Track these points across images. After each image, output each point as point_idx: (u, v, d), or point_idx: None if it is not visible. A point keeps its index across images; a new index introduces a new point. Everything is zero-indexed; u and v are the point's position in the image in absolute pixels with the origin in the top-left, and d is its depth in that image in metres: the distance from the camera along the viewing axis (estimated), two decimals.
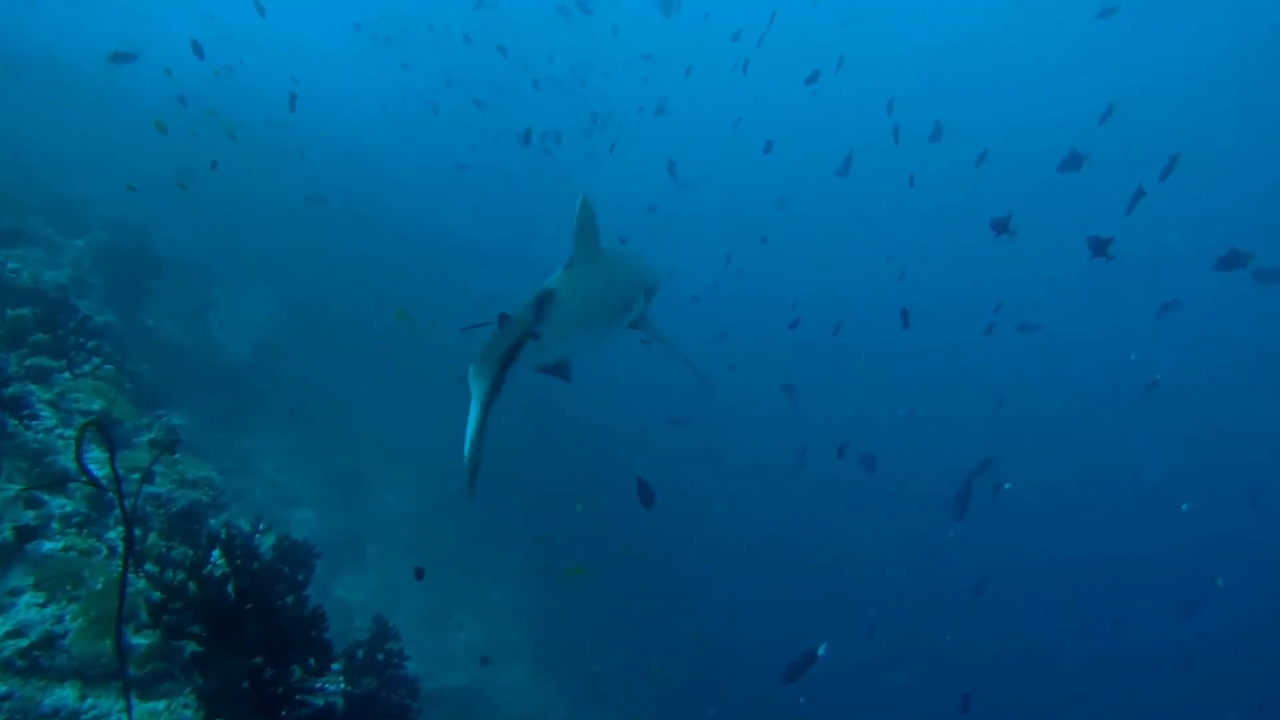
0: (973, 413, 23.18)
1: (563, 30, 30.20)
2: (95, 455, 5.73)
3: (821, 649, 7.91)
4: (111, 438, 3.96)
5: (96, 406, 6.18)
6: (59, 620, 4.22)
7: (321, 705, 4.72)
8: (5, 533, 4.66)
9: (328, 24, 32.42)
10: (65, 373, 6.62)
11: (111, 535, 5.02)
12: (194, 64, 12.51)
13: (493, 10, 29.23)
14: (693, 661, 16.74)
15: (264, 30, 20.25)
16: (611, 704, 15.16)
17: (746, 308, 24.93)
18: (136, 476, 5.07)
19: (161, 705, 4.20)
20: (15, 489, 4.86)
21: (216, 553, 4.61)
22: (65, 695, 3.97)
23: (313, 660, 4.59)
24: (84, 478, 4.55)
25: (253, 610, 4.57)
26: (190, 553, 4.54)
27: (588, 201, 5.15)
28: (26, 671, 4.02)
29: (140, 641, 4.24)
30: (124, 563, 3.43)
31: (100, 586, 4.44)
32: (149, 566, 4.61)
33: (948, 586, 18.59)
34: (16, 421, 5.41)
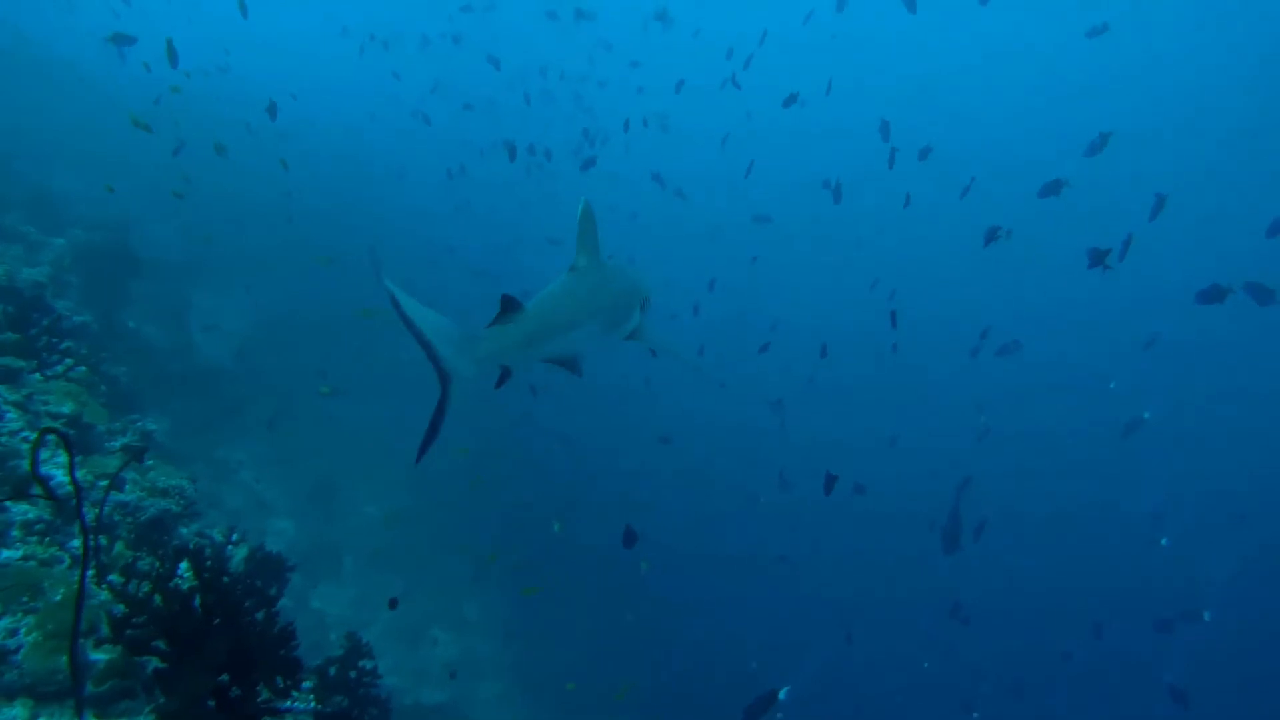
0: (958, 439, 23.17)
1: (552, 36, 30.25)
2: (65, 460, 5.55)
3: (783, 692, 7.82)
4: (71, 444, 3.78)
5: (67, 409, 5.98)
6: (13, 634, 4.03)
7: None
8: None
9: (317, 27, 32.27)
10: (35, 374, 6.41)
11: (75, 544, 4.83)
12: (182, 61, 12.31)
13: (484, 13, 29.16)
14: (670, 678, 16.61)
15: (251, 31, 20.05)
16: None
17: (728, 326, 24.88)
18: (105, 483, 4.88)
19: None
20: None
21: (185, 565, 4.45)
22: (15, 714, 3.78)
23: (281, 679, 4.42)
24: (38, 490, 4.37)
25: (220, 626, 4.40)
26: (157, 564, 4.36)
27: (589, 207, 5.11)
28: None
29: (100, 657, 4.05)
30: (81, 574, 3.26)
31: (59, 598, 4.25)
32: (113, 577, 4.42)
33: (927, 608, 18.53)
34: None
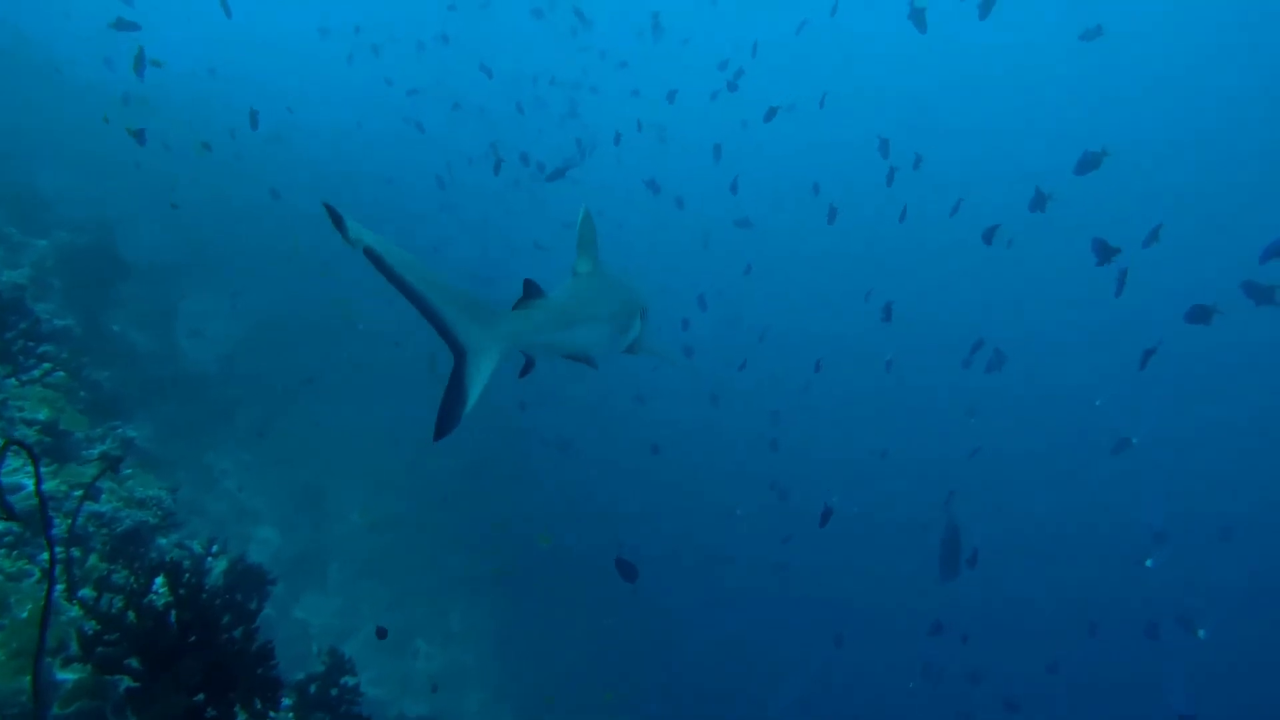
0: (951, 448, 23.14)
1: (541, 37, 30.23)
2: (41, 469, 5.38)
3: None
4: (36, 456, 3.64)
5: (42, 416, 5.82)
6: None
7: None
8: None
9: (309, 27, 32.01)
10: (11, 378, 6.25)
11: (47, 557, 4.67)
12: (172, 63, 12.20)
13: (475, 10, 29.09)
14: (659, 686, 16.50)
15: (241, 32, 19.92)
16: None
17: (718, 337, 24.82)
18: (79, 494, 4.73)
19: None
20: None
21: (160, 580, 4.31)
22: None
23: (259, 700, 4.29)
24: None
25: (196, 643, 4.26)
26: (131, 578, 4.22)
27: (589, 214, 5.05)
28: None
29: (68, 677, 3.89)
30: (48, 589, 3.12)
31: (26, 615, 4.10)
32: (85, 592, 4.28)
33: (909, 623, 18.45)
34: None
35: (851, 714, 18.27)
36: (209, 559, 6.12)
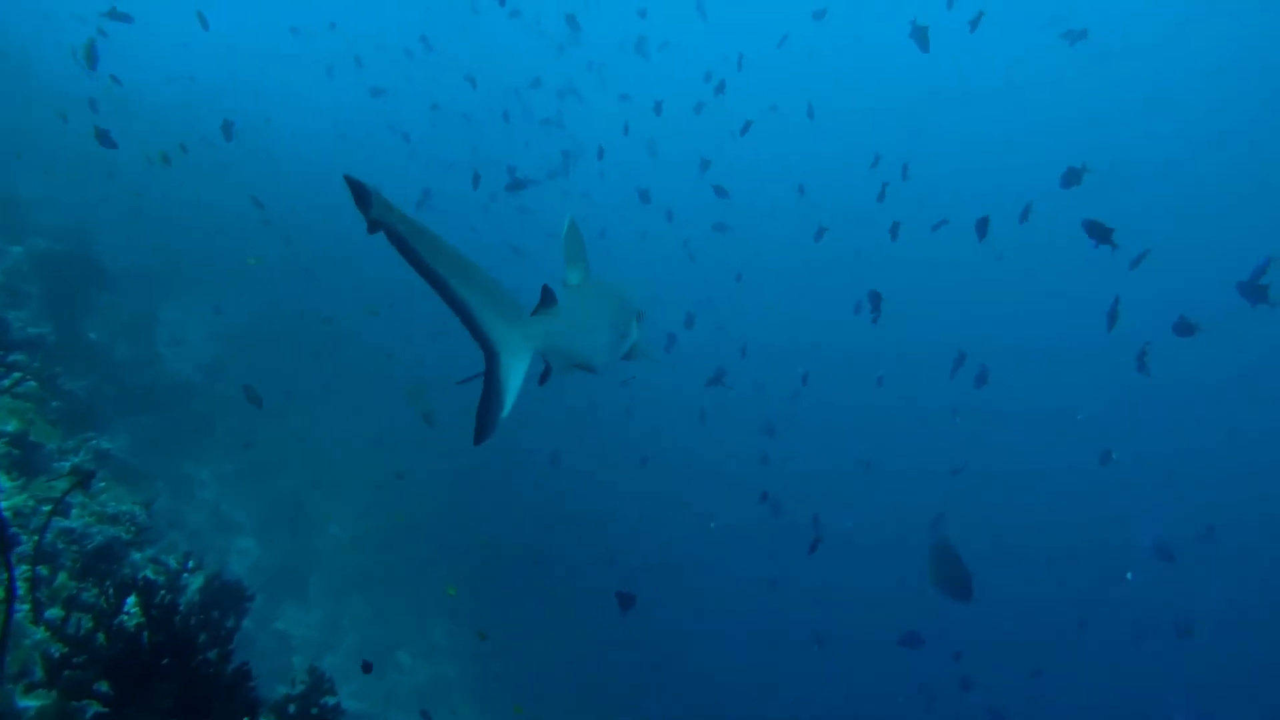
0: (936, 460, 23.12)
1: (521, 39, 30.17)
2: (5, 485, 5.19)
3: None
4: None
5: (10, 427, 5.63)
6: None
7: None
8: None
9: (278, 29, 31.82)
10: None
11: (5, 577, 4.47)
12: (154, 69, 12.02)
13: (465, 18, 29.00)
14: (645, 698, 16.33)
15: (219, 39, 19.72)
16: None
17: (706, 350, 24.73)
18: (48, 509, 4.55)
19: None
20: None
21: (133, 599, 4.13)
22: None
23: None
24: None
25: (170, 666, 4.08)
26: (102, 598, 4.04)
27: (575, 224, 4.91)
28: None
29: (30, 704, 3.71)
30: (8, 609, 2.96)
31: None
32: (52, 612, 4.09)
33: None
34: None
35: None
36: (185, 574, 5.93)
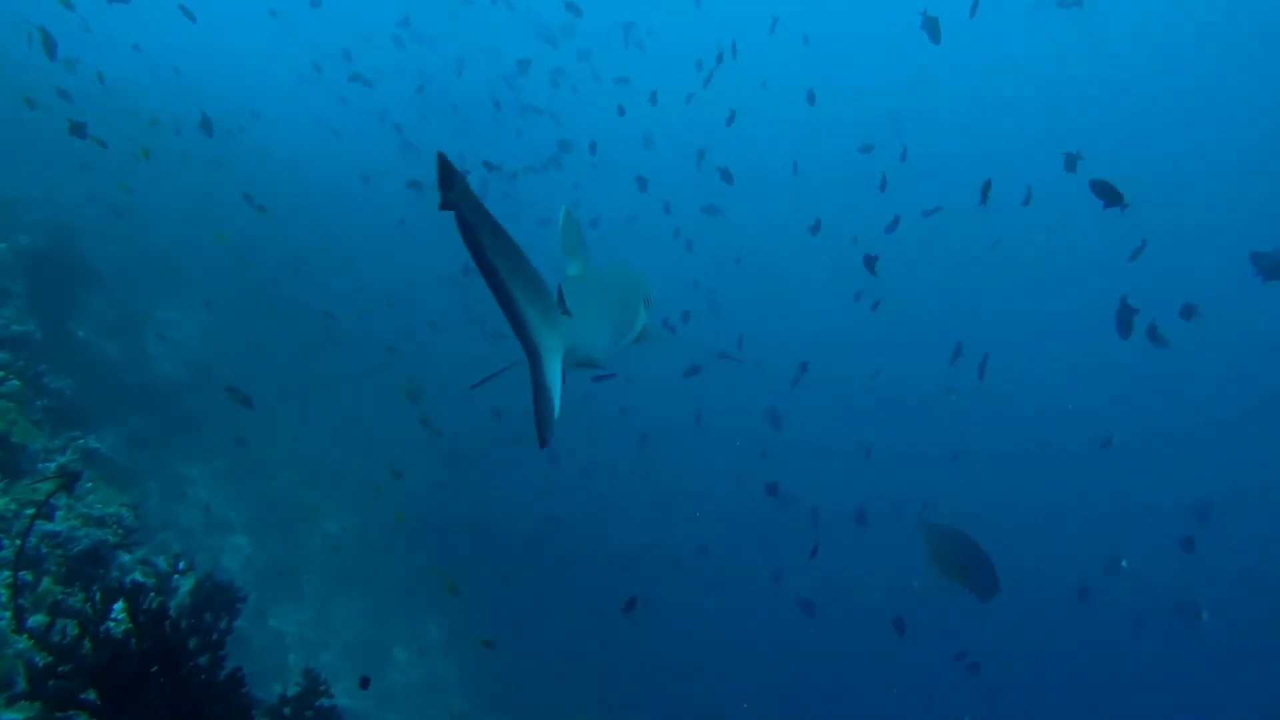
0: (936, 442, 23.08)
1: (510, 27, 29.90)
2: None
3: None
4: None
5: None
6: None
7: None
8: None
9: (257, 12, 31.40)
10: None
11: None
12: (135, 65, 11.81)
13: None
14: (644, 694, 16.34)
15: (206, 33, 19.38)
16: None
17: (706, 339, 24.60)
18: (30, 512, 4.40)
19: None
20: None
21: (120, 604, 3.99)
22: None
23: None
24: None
25: (159, 674, 3.95)
26: (88, 603, 3.91)
27: (570, 215, 4.78)
28: None
29: (13, 716, 3.58)
30: None
31: None
32: (35, 620, 3.95)
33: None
34: None
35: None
36: (175, 576, 5.79)
